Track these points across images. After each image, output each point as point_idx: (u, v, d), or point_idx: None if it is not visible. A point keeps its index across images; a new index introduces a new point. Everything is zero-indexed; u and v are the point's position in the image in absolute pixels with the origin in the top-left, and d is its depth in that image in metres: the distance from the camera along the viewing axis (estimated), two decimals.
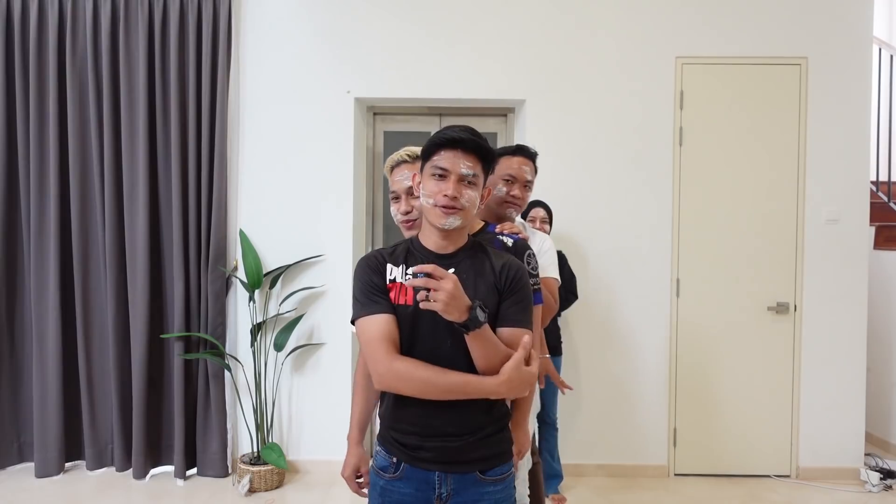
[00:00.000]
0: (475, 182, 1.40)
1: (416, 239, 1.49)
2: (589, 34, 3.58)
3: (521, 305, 1.42)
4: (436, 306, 1.25)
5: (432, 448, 1.39)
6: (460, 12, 3.57)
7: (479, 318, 1.28)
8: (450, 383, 1.32)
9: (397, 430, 1.42)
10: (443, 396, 1.33)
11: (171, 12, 3.45)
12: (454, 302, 1.25)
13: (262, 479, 3.35)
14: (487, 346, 1.32)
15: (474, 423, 1.39)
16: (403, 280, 1.41)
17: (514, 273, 1.43)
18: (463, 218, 1.39)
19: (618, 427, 3.61)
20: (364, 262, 1.45)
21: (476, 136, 1.39)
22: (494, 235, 1.84)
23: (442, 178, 1.38)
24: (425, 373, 1.32)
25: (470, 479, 1.40)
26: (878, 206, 4.46)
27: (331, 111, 3.59)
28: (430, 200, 1.39)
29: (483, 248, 1.48)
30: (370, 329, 1.36)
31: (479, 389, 1.33)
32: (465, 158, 1.38)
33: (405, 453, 1.41)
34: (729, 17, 3.57)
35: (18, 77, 3.47)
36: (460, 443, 1.38)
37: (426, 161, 1.42)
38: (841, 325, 3.58)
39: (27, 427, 3.59)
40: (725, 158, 3.58)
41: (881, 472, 3.47)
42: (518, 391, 1.35)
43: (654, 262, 3.60)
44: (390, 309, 1.38)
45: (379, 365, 1.34)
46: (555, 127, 3.58)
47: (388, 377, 1.33)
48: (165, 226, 3.54)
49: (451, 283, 1.25)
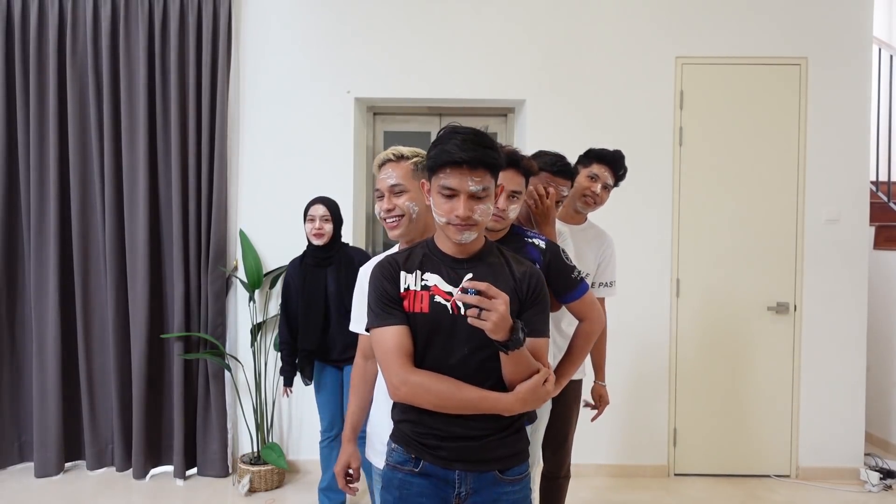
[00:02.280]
0: (486, 193, 1.37)
1: (432, 242, 1.47)
2: (589, 34, 3.58)
3: (542, 316, 1.43)
4: (486, 325, 1.24)
5: (451, 448, 1.39)
6: (460, 12, 3.57)
7: (520, 339, 1.28)
8: (465, 399, 1.34)
9: (415, 431, 1.42)
10: (457, 411, 1.35)
11: (171, 12, 3.45)
12: (503, 322, 1.25)
13: (262, 479, 3.35)
14: (519, 361, 1.32)
15: (493, 424, 1.39)
16: (417, 287, 1.40)
17: (536, 281, 1.43)
18: (479, 230, 1.39)
19: (618, 427, 3.61)
20: (378, 271, 1.44)
21: (481, 145, 1.35)
22: (524, 237, 1.85)
23: (451, 196, 1.35)
24: (441, 387, 1.33)
25: (489, 478, 1.40)
26: (878, 206, 4.46)
27: (331, 111, 3.59)
28: (442, 219, 1.37)
29: (502, 253, 1.47)
30: (385, 341, 1.36)
31: (494, 407, 1.34)
32: (472, 175, 1.34)
33: (426, 452, 1.41)
34: (729, 18, 3.57)
35: (19, 77, 3.47)
36: (481, 442, 1.39)
37: (432, 174, 1.39)
38: (841, 325, 3.58)
39: (27, 427, 3.59)
40: (725, 158, 3.58)
41: (881, 472, 3.47)
42: (531, 408, 1.37)
43: (654, 262, 3.60)
44: (404, 320, 1.38)
45: (394, 377, 1.34)
46: (555, 127, 3.58)
47: (404, 390, 1.34)
48: (165, 226, 3.54)
49: (503, 304, 1.24)
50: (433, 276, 1.41)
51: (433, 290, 1.39)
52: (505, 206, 1.80)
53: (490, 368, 1.36)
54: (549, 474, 2.50)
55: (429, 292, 1.39)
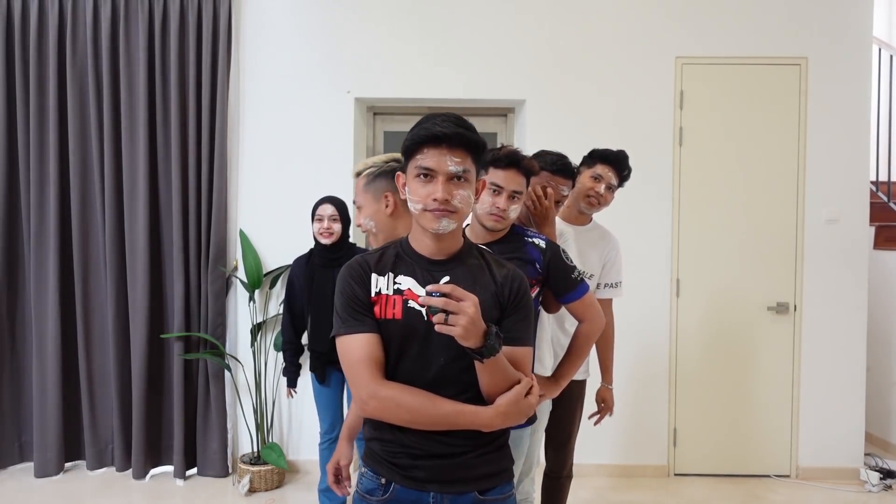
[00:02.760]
0: (466, 178, 1.25)
1: (405, 242, 1.34)
2: (589, 34, 3.58)
3: (524, 322, 1.31)
4: (454, 331, 1.12)
5: (426, 467, 1.27)
6: (460, 12, 3.57)
7: (495, 346, 1.16)
8: (440, 414, 1.22)
9: (386, 450, 1.30)
10: (432, 427, 1.24)
11: (171, 12, 3.45)
12: (474, 327, 1.13)
13: (262, 479, 3.35)
14: (497, 371, 1.21)
15: (473, 439, 1.27)
16: (390, 292, 1.27)
17: (518, 285, 1.31)
18: (457, 220, 1.26)
19: (618, 427, 3.61)
20: (347, 272, 1.31)
21: (462, 126, 1.24)
22: (524, 237, 1.84)
23: (428, 178, 1.24)
24: (414, 401, 1.22)
25: (468, 500, 1.29)
26: (878, 206, 4.46)
27: (331, 111, 3.59)
28: (418, 205, 1.25)
29: (482, 254, 1.36)
30: (352, 350, 1.25)
31: (472, 422, 1.23)
32: (452, 154, 1.23)
33: (396, 473, 1.28)
34: (729, 17, 3.57)
35: (19, 77, 3.47)
36: (458, 460, 1.27)
37: (409, 160, 1.27)
38: (841, 325, 3.58)
39: (28, 427, 3.59)
40: (725, 158, 3.58)
41: (881, 472, 3.47)
42: (513, 423, 1.26)
43: (654, 262, 3.60)
44: (374, 327, 1.26)
45: (362, 391, 1.23)
46: (555, 127, 3.57)
47: (373, 405, 1.22)
48: (165, 226, 3.54)
49: (472, 306, 1.13)
50: (407, 278, 1.28)
51: (406, 294, 1.27)
52: (506, 206, 1.77)
53: (468, 381, 1.24)
54: (551, 473, 2.51)
55: (402, 297, 1.27)
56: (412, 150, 1.26)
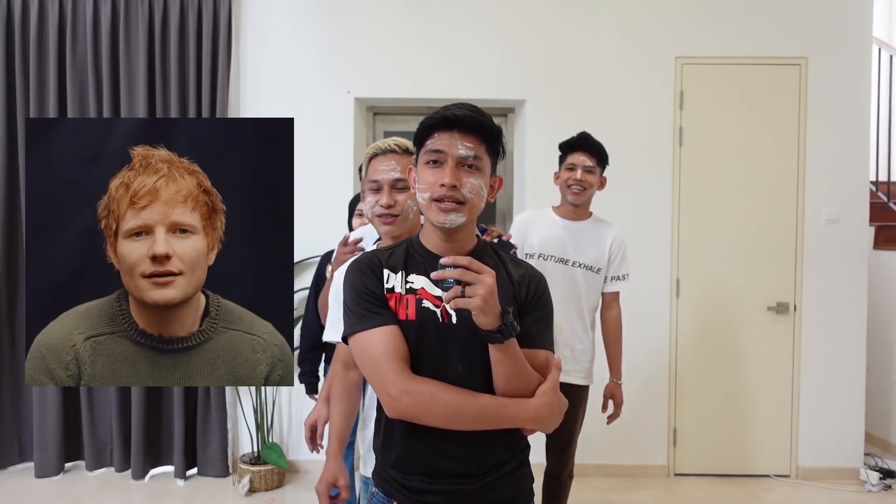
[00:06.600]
0: (479, 166, 1.17)
1: (416, 239, 1.25)
2: (589, 34, 3.58)
3: (543, 323, 1.22)
4: (473, 303, 1.03)
5: (441, 491, 1.16)
6: (460, 12, 3.57)
7: (514, 324, 1.08)
8: (481, 407, 1.10)
9: (398, 470, 1.19)
10: (470, 425, 1.11)
11: (171, 12, 3.45)
12: (493, 300, 1.05)
13: (263, 479, 3.35)
14: (515, 362, 1.11)
15: (493, 459, 1.17)
16: (402, 290, 1.18)
17: (537, 286, 1.23)
18: (468, 213, 1.16)
19: (617, 427, 3.59)
20: (356, 266, 1.21)
21: (476, 112, 1.17)
22: None
23: (438, 164, 1.16)
24: (450, 395, 1.10)
25: None
26: (878, 206, 4.46)
27: (331, 111, 3.59)
28: (425, 195, 1.16)
29: (496, 253, 1.27)
30: (373, 346, 1.13)
31: (515, 415, 1.12)
32: (463, 139, 1.15)
33: (408, 497, 1.18)
34: (729, 17, 3.56)
35: (19, 77, 3.47)
36: (476, 484, 1.16)
37: (420, 148, 1.20)
38: (841, 325, 3.58)
39: (27, 427, 3.58)
40: (725, 158, 3.58)
41: (881, 472, 3.47)
42: (555, 418, 1.16)
43: (654, 262, 3.59)
44: (394, 319, 1.15)
45: (391, 388, 1.10)
46: (555, 127, 3.55)
47: (406, 401, 1.09)
48: None
49: (491, 277, 1.05)
50: (419, 277, 1.19)
51: (420, 293, 1.17)
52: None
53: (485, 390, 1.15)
54: (552, 474, 2.53)
55: (415, 296, 1.17)
56: (424, 136, 1.19)
